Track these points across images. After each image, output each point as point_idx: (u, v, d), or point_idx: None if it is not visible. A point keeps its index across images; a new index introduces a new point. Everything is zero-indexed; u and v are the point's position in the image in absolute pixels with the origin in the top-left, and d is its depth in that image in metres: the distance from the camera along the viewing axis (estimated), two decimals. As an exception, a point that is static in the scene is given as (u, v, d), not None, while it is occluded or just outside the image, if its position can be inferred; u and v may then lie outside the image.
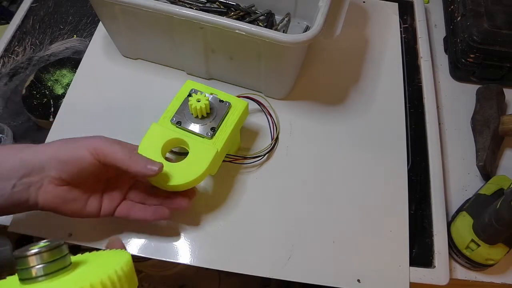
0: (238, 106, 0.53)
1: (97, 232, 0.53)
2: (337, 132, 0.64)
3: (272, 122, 0.63)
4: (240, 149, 0.60)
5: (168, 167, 0.47)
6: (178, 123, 0.51)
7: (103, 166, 0.45)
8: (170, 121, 0.52)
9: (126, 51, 0.69)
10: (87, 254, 0.33)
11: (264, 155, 0.60)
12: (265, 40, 0.52)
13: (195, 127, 0.51)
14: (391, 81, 0.70)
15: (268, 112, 0.63)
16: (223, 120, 0.52)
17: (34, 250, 0.26)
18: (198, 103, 0.50)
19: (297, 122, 0.64)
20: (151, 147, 0.49)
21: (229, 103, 0.53)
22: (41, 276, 0.26)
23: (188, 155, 0.49)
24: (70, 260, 0.28)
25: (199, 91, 0.54)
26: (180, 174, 0.47)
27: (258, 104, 0.63)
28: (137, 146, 0.49)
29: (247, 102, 0.54)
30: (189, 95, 0.54)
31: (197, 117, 0.52)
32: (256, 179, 0.59)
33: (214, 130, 0.51)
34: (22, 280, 0.27)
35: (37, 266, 0.26)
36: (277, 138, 0.62)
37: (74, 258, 0.30)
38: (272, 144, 0.61)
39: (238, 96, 0.58)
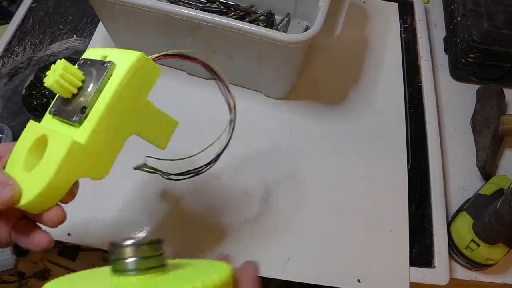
0: (125, 63, 0.34)
1: (96, 232, 0.53)
2: (337, 132, 0.64)
3: (225, 88, 0.46)
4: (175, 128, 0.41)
5: (24, 178, 0.33)
6: (55, 113, 0.36)
7: None
8: (49, 112, 0.36)
9: (126, 51, 0.69)
10: (185, 260, 0.30)
11: (222, 151, 0.42)
12: (265, 40, 0.52)
13: (63, 113, 0.35)
14: (391, 81, 0.70)
15: (217, 75, 0.46)
16: (100, 91, 0.33)
17: (133, 241, 0.24)
18: (52, 76, 0.33)
19: (297, 122, 0.64)
20: (20, 153, 0.35)
21: (111, 63, 0.34)
22: (135, 270, 0.24)
23: (43, 157, 0.33)
24: (166, 260, 0.26)
25: (89, 57, 0.37)
26: (27, 188, 0.32)
27: (203, 67, 0.45)
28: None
29: (140, 52, 0.35)
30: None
31: (68, 98, 0.35)
32: (255, 179, 0.59)
33: (85, 110, 0.33)
34: (115, 271, 0.24)
35: (132, 259, 0.24)
36: (234, 107, 0.44)
37: (171, 261, 0.28)
38: (231, 125, 0.43)
39: (165, 56, 0.41)
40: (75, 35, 0.74)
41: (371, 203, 0.58)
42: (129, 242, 0.24)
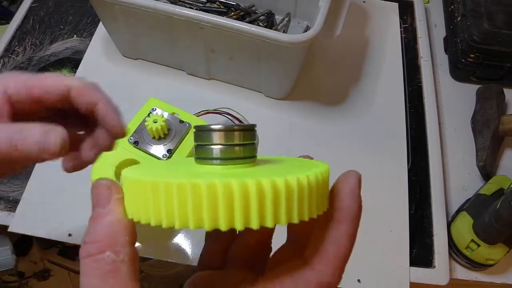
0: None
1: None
2: (337, 132, 0.64)
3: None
4: None
5: None
6: (136, 143, 0.49)
7: None
8: (128, 140, 0.50)
9: (126, 51, 0.69)
10: (277, 156, 0.27)
11: None
12: (265, 40, 0.52)
13: (151, 148, 0.49)
14: (391, 81, 0.70)
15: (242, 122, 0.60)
16: (181, 142, 0.50)
17: (221, 126, 0.21)
18: (154, 124, 0.48)
19: (297, 122, 0.64)
20: (105, 167, 0.46)
21: (189, 124, 0.51)
22: (221, 159, 0.21)
23: None
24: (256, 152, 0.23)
25: (160, 110, 0.52)
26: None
27: (230, 119, 0.61)
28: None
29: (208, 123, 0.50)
30: (149, 113, 0.52)
31: (154, 137, 0.50)
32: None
33: (170, 152, 0.49)
34: (198, 159, 0.22)
35: (219, 147, 0.21)
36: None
37: (262, 157, 0.25)
38: None
39: (206, 113, 0.57)
40: (75, 35, 0.74)
41: (371, 203, 0.58)
42: (217, 126, 0.21)
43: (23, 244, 1.11)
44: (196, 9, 0.69)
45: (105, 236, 0.20)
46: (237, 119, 0.61)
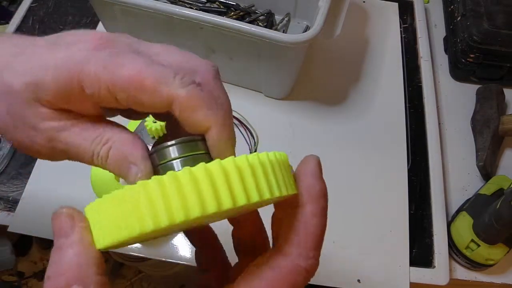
0: None
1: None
2: (337, 132, 0.64)
3: (248, 136, 0.61)
4: None
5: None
6: None
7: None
8: None
9: (126, 51, 0.69)
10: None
11: None
12: (265, 40, 0.52)
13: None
14: (391, 81, 0.70)
15: (243, 125, 0.61)
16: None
17: (173, 141, 0.21)
18: (154, 124, 0.48)
19: (297, 122, 0.64)
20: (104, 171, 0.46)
21: None
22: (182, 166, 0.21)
23: None
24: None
25: None
26: None
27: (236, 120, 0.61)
28: None
29: None
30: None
31: (154, 137, 0.50)
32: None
33: None
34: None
35: (177, 160, 0.21)
36: (255, 151, 0.59)
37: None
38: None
39: None
40: (75, 35, 0.74)
41: (371, 203, 0.58)
42: (170, 142, 0.21)
43: (23, 244, 1.11)
44: (196, 9, 0.69)
45: (71, 268, 0.18)
46: (237, 119, 0.61)
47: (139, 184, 0.17)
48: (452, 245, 0.55)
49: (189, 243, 0.53)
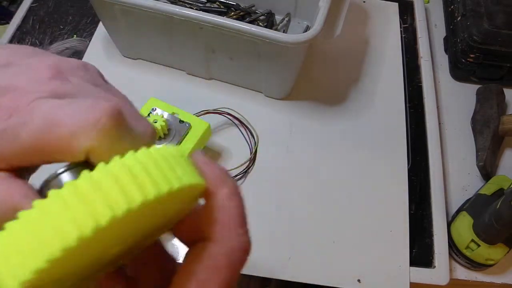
0: (198, 127, 0.51)
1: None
2: (337, 132, 0.64)
3: (248, 135, 0.61)
4: None
5: None
6: None
7: None
8: None
9: (126, 51, 0.69)
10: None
11: (243, 173, 0.58)
12: (265, 40, 0.52)
13: None
14: (391, 81, 0.70)
15: (243, 124, 0.62)
16: (181, 142, 0.50)
17: (52, 173, 0.19)
18: (154, 124, 0.48)
19: (297, 122, 0.64)
20: None
21: (189, 124, 0.51)
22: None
23: None
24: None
25: (160, 110, 0.52)
26: None
27: (231, 119, 0.61)
28: None
29: (208, 123, 0.52)
30: (149, 114, 0.52)
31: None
32: (256, 178, 0.59)
33: None
34: None
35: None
36: (255, 151, 0.60)
37: None
38: (251, 159, 0.59)
39: (207, 113, 0.58)
40: (75, 35, 0.74)
41: (371, 203, 0.58)
42: (50, 176, 0.19)
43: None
44: (196, 9, 0.69)
45: None
46: (237, 119, 0.61)
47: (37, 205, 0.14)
48: (452, 245, 0.55)
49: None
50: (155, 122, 0.49)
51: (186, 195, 0.18)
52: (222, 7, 0.72)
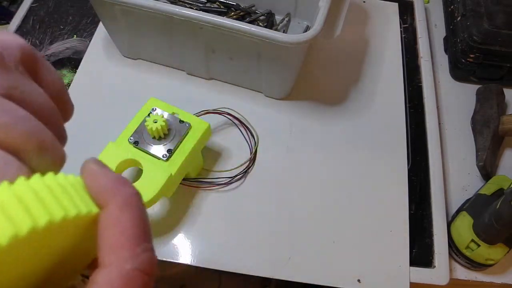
0: (198, 127, 0.51)
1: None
2: (337, 132, 0.64)
3: (249, 135, 0.61)
4: (203, 170, 0.58)
5: None
6: (136, 143, 0.49)
7: None
8: (128, 140, 0.49)
9: (126, 51, 0.69)
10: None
11: (243, 173, 0.58)
12: (265, 40, 0.52)
13: (151, 148, 0.49)
14: (391, 81, 0.70)
15: (243, 124, 0.62)
16: (181, 142, 0.50)
17: None
18: (154, 124, 0.48)
19: (297, 122, 0.64)
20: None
21: (189, 124, 0.51)
22: None
23: (141, 177, 0.47)
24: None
25: (160, 110, 0.52)
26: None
27: (231, 119, 0.62)
28: None
29: (208, 123, 0.52)
30: (149, 113, 0.51)
31: (154, 137, 0.50)
32: (256, 178, 0.59)
33: (170, 152, 0.49)
34: None
35: None
36: (255, 151, 0.60)
37: None
38: (251, 159, 0.59)
39: (207, 113, 0.58)
40: (75, 35, 0.74)
41: (371, 203, 0.58)
42: None
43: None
44: (196, 9, 0.69)
45: None
46: (237, 119, 0.62)
47: None
48: (452, 245, 0.55)
49: (189, 243, 0.53)
50: (155, 122, 0.49)
51: (78, 225, 0.17)
52: (222, 7, 0.72)
